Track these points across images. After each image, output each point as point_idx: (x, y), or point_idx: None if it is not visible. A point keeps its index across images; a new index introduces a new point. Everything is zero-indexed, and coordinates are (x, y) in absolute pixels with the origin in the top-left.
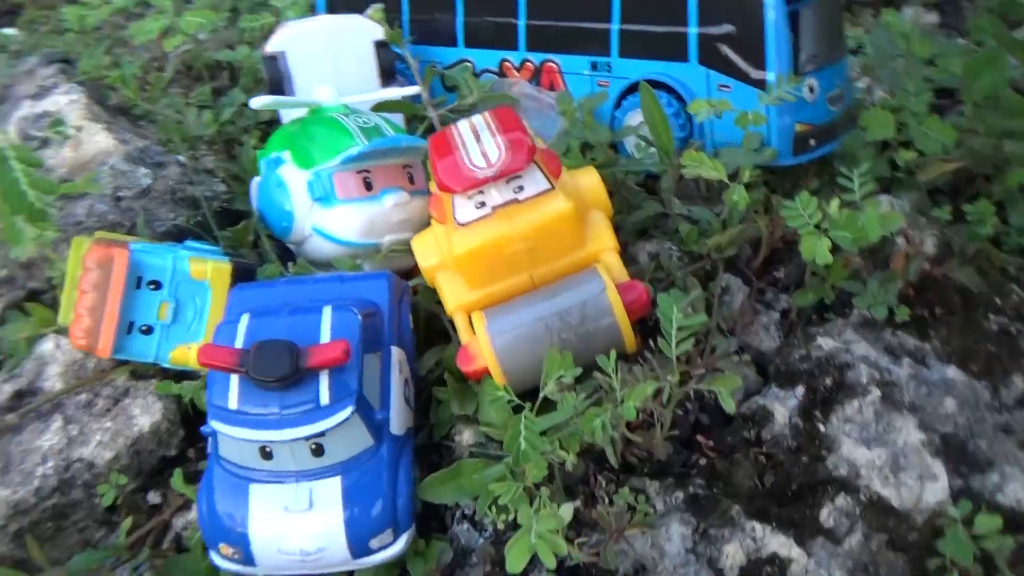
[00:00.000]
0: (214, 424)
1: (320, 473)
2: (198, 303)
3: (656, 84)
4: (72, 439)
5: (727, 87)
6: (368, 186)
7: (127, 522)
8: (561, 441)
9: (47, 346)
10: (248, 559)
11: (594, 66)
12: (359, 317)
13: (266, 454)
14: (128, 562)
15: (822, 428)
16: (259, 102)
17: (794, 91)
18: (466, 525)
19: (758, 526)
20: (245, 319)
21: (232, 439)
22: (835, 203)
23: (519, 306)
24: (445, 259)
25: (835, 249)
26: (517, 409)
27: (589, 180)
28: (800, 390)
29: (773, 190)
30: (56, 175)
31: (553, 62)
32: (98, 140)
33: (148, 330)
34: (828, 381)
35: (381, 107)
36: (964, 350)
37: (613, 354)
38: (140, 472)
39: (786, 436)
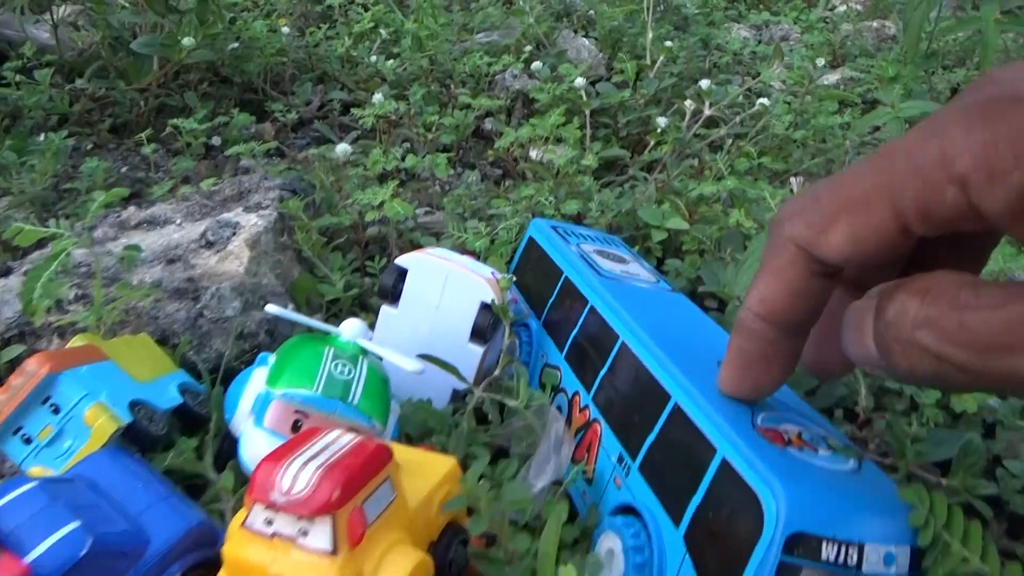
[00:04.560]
0: None
1: None
2: (75, 442)
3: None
4: None
5: None
6: (295, 428)
7: None
8: None
9: None
10: None
11: (620, 459)
12: (82, 554)
13: None
14: None
15: None
16: (272, 310)
17: None
18: None
19: None
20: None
21: None
22: None
23: None
24: None
25: None
26: None
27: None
28: None
29: None
30: (187, 274)
31: (599, 425)
32: (235, 265)
33: (28, 440)
34: None
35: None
36: None
37: None
38: None
39: None
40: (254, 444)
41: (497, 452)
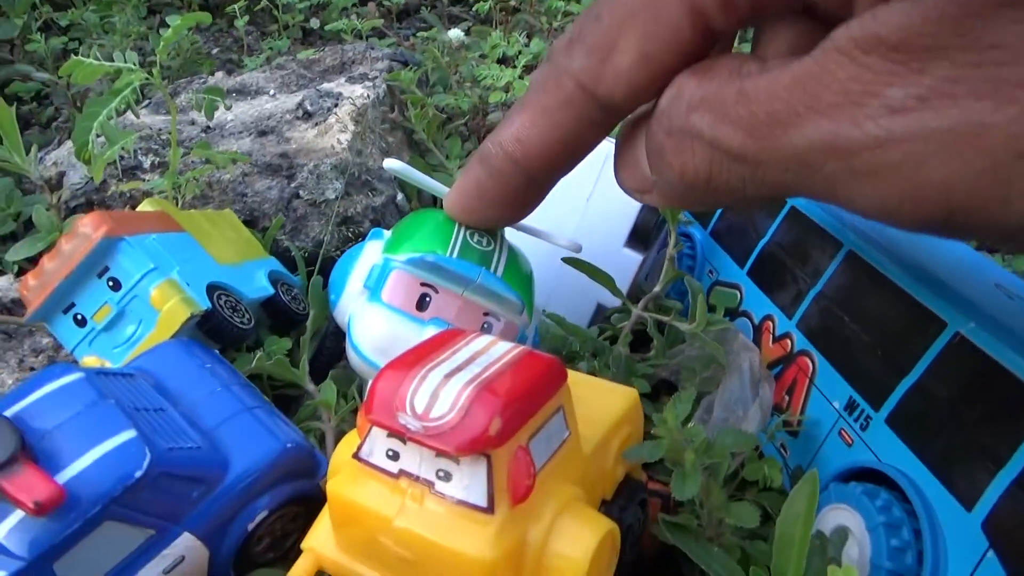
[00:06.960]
0: None
1: None
2: (139, 328)
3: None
4: None
5: None
6: (421, 305)
7: None
8: None
9: None
10: None
11: (851, 406)
12: (137, 475)
13: None
14: None
15: None
16: (393, 164)
17: None
18: None
19: None
20: (87, 376)
21: None
22: None
23: None
24: None
25: None
26: None
27: (573, 547)
28: None
29: None
30: (281, 148)
31: (810, 358)
32: (337, 140)
33: (82, 321)
34: None
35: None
36: None
37: None
38: None
39: None
40: (371, 323)
41: (656, 388)
